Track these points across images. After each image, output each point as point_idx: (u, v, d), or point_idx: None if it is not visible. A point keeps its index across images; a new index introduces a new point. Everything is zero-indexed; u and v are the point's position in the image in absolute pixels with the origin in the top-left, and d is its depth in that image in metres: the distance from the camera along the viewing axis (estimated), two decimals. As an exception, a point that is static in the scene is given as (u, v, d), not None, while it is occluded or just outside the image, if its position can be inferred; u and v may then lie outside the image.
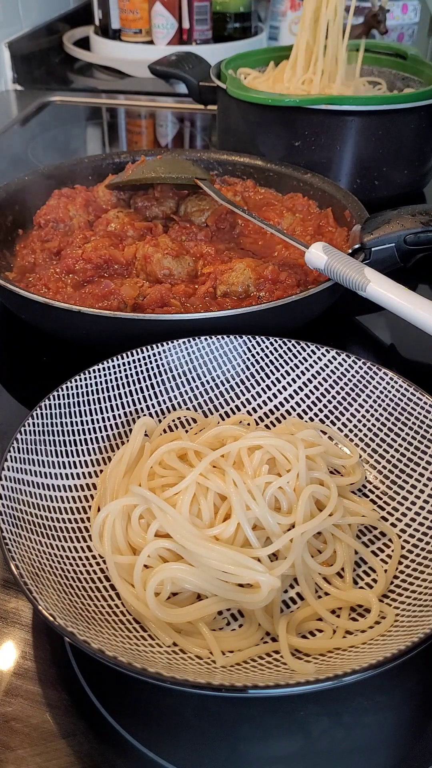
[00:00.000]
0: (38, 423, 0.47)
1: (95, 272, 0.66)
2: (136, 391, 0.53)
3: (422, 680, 0.40)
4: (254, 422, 0.52)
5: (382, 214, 0.68)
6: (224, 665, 0.37)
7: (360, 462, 0.49)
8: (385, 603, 0.41)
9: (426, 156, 0.90)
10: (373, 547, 0.45)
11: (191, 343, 0.55)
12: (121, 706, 0.38)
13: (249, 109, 0.89)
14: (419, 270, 0.73)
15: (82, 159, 0.87)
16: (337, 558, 0.43)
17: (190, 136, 1.28)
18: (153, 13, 1.49)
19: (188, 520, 0.41)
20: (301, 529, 0.41)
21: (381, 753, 0.37)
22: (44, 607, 0.35)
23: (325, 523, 0.42)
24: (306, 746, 0.37)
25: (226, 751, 0.36)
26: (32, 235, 0.75)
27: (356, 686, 0.39)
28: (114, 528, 0.42)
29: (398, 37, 1.82)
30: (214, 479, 0.43)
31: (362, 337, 0.69)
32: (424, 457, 0.47)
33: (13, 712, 0.38)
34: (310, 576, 0.42)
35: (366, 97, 0.88)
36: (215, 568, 0.39)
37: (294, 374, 0.54)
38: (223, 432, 0.47)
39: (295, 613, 0.41)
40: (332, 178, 0.86)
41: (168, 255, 0.66)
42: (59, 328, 0.61)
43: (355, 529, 0.45)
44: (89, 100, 1.39)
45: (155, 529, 0.42)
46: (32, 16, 1.55)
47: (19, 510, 0.42)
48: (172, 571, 0.40)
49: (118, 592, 0.41)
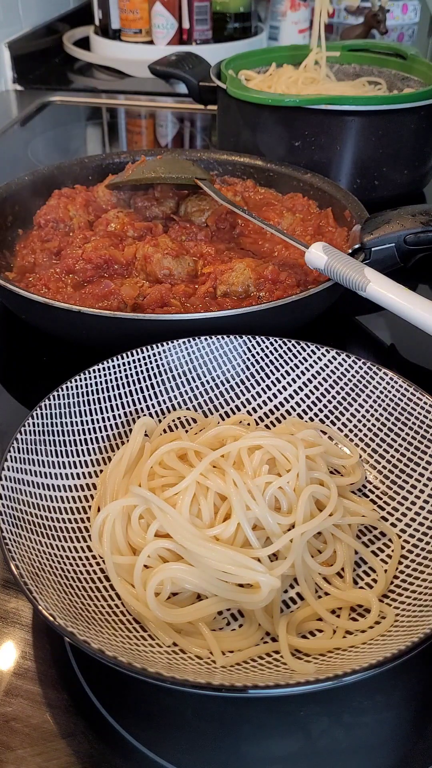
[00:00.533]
0: (38, 423, 0.47)
1: (95, 272, 0.66)
2: (136, 391, 0.53)
3: (422, 680, 0.40)
4: (254, 422, 0.52)
5: (382, 214, 0.68)
6: (224, 665, 0.37)
7: (360, 462, 0.49)
8: (385, 603, 0.41)
9: (426, 156, 0.90)
10: (373, 547, 0.45)
11: (191, 343, 0.55)
12: (121, 706, 0.38)
13: (249, 109, 0.89)
14: (419, 270, 0.73)
15: (82, 159, 0.87)
16: (337, 558, 0.43)
17: (190, 136, 1.28)
18: (153, 13, 1.49)
19: (188, 520, 0.41)
20: (301, 529, 0.41)
21: (381, 753, 0.36)
22: (44, 607, 0.35)
23: (325, 524, 0.42)
24: (306, 746, 0.37)
25: (226, 751, 0.36)
26: (32, 235, 0.75)
27: (356, 686, 0.39)
28: (114, 528, 0.42)
29: (398, 37, 1.82)
30: (214, 479, 0.43)
31: (362, 337, 0.69)
32: (424, 457, 0.47)
33: (13, 712, 0.38)
34: (310, 576, 0.42)
35: (366, 97, 0.88)
36: (215, 568, 0.39)
37: (294, 374, 0.54)
38: (223, 432, 0.47)
39: (295, 613, 0.41)
40: (332, 178, 0.86)
41: (168, 255, 0.66)
42: (59, 328, 0.61)
43: (355, 529, 0.45)
44: (89, 100, 1.39)
45: (155, 529, 0.42)
46: (32, 16, 1.55)
47: (19, 510, 0.42)
48: (172, 571, 0.40)
49: (118, 592, 0.41)
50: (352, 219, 0.71)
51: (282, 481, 0.43)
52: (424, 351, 0.66)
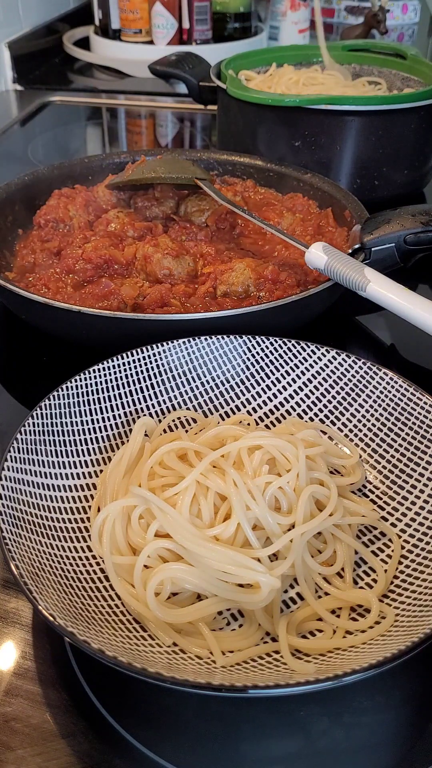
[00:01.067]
0: (38, 423, 0.47)
1: (95, 272, 0.66)
2: (136, 391, 0.53)
3: (422, 680, 0.40)
4: (254, 422, 0.52)
5: (382, 214, 0.68)
6: (224, 665, 0.37)
7: (360, 462, 0.49)
8: (385, 603, 0.41)
9: (426, 156, 0.90)
10: (373, 547, 0.45)
11: (191, 343, 0.55)
12: (121, 706, 0.38)
13: (249, 109, 0.89)
14: (419, 270, 0.73)
15: (82, 159, 0.87)
16: (337, 558, 0.43)
17: (190, 136, 1.28)
18: (153, 13, 1.49)
19: (188, 520, 0.41)
20: (301, 529, 0.41)
21: (381, 753, 0.36)
22: (44, 607, 0.35)
23: (325, 523, 0.42)
24: (306, 746, 0.37)
25: (226, 751, 0.36)
26: (32, 235, 0.75)
27: (356, 686, 0.39)
28: (114, 528, 0.42)
29: (398, 37, 1.82)
30: (214, 479, 0.43)
31: (362, 337, 0.69)
32: (424, 457, 0.47)
33: (13, 712, 0.38)
34: (310, 576, 0.42)
35: (366, 97, 0.88)
36: (215, 568, 0.39)
37: (294, 374, 0.54)
38: (223, 432, 0.47)
39: (295, 613, 0.41)
40: (332, 178, 0.86)
41: (168, 255, 0.66)
42: (59, 328, 0.61)
43: (355, 529, 0.45)
44: (89, 100, 1.39)
45: (155, 529, 0.42)
46: (32, 16, 1.55)
47: (19, 510, 0.42)
48: (172, 571, 0.40)
49: (118, 592, 0.41)
50: (352, 219, 0.71)
51: (282, 481, 0.43)
52: (424, 351, 0.66)
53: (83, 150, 1.20)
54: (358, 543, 0.44)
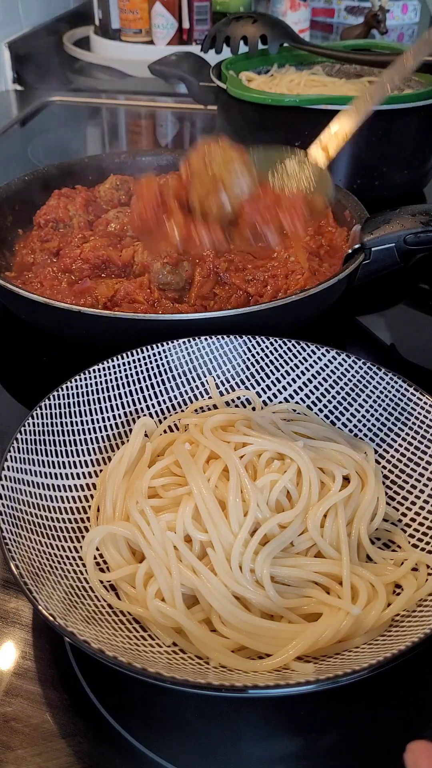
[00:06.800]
0: (38, 423, 0.47)
1: (92, 272, 0.66)
2: (136, 391, 0.53)
3: (422, 680, 0.40)
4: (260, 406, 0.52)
5: (382, 214, 0.68)
6: (224, 665, 0.37)
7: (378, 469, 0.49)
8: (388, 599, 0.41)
9: (426, 156, 0.90)
10: (379, 544, 0.45)
11: (191, 343, 0.55)
12: (121, 706, 0.38)
13: (249, 109, 0.89)
14: (419, 270, 0.73)
15: (82, 159, 0.86)
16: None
17: (190, 136, 1.28)
18: (153, 13, 1.49)
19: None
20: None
21: (381, 753, 0.36)
22: (44, 607, 0.35)
23: (336, 497, 0.43)
24: (306, 746, 0.37)
25: (226, 751, 0.36)
26: (32, 235, 0.75)
27: (356, 686, 0.39)
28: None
29: (398, 37, 1.82)
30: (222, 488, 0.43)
31: (362, 337, 0.69)
32: (424, 457, 0.47)
33: (13, 712, 0.38)
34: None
35: (366, 97, 0.87)
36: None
37: (294, 374, 0.54)
38: (230, 418, 0.48)
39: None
40: (332, 178, 0.86)
41: (167, 264, 0.65)
42: (59, 328, 0.61)
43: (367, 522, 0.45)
44: (89, 100, 1.38)
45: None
46: (32, 16, 1.55)
47: (19, 510, 0.42)
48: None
49: (118, 593, 0.41)
50: (352, 219, 0.71)
51: (285, 478, 0.43)
52: (424, 351, 0.66)
53: (83, 150, 1.20)
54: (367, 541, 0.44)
